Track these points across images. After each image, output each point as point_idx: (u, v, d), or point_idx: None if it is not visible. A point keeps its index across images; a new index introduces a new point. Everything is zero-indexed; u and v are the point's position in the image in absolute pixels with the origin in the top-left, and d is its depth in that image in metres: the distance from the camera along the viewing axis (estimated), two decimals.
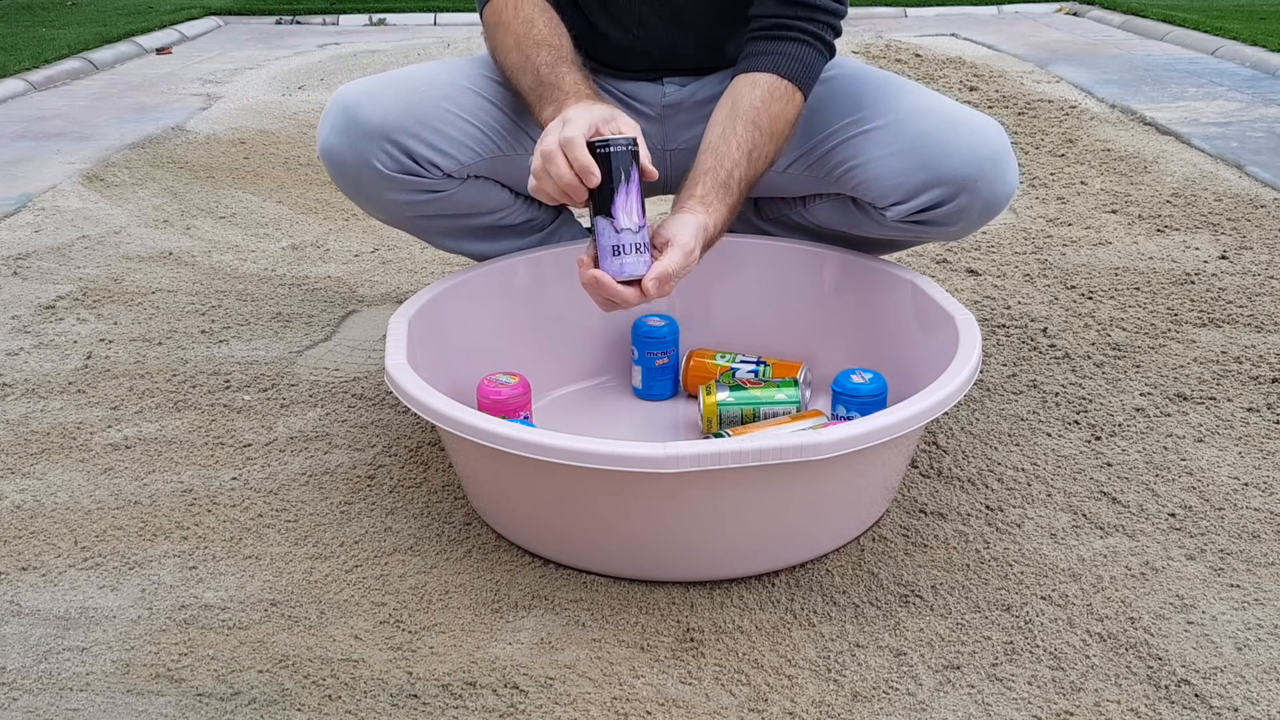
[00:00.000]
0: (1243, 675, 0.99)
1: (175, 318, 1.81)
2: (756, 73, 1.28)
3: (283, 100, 3.47)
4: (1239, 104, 3.22)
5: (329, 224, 2.31)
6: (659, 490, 1.04)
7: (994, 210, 1.33)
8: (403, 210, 1.37)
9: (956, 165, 1.27)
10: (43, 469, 1.36)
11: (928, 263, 1.97)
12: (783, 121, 1.27)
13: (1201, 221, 2.18)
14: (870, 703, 0.97)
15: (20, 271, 2.02)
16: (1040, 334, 1.69)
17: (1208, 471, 1.31)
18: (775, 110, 1.26)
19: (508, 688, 0.99)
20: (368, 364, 1.64)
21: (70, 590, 1.13)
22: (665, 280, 1.12)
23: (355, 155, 1.31)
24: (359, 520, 1.25)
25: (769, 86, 1.27)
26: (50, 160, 2.79)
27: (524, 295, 1.47)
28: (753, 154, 1.24)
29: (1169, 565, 1.14)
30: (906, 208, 1.31)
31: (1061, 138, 2.80)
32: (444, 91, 1.33)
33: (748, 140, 1.24)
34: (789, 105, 1.27)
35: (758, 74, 1.28)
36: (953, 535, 1.20)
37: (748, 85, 1.27)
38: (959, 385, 1.13)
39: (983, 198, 1.30)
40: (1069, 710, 0.95)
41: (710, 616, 1.08)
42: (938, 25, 5.17)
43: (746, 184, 1.24)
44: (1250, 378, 1.54)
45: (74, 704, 0.98)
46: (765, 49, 1.29)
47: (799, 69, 1.28)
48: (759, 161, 1.25)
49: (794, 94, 1.28)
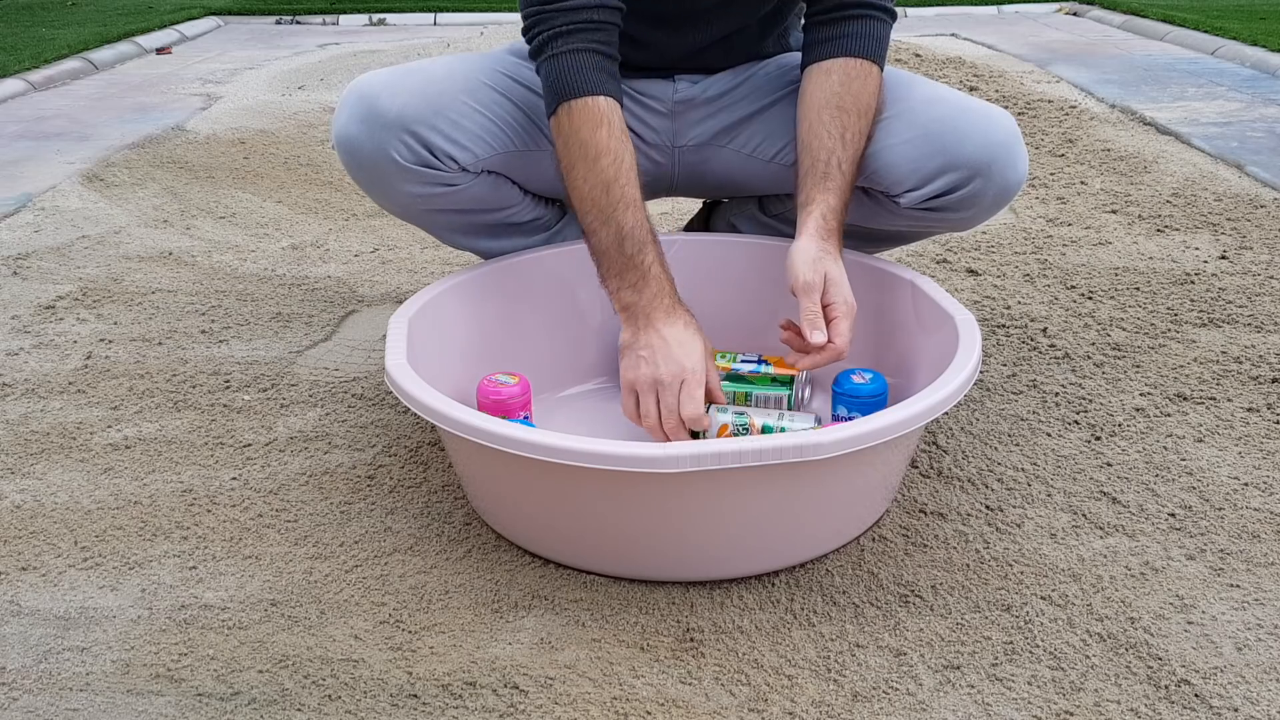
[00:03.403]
0: (1243, 675, 0.99)
1: (175, 318, 1.81)
2: (828, 60, 1.29)
3: (283, 100, 3.47)
4: (1239, 104, 3.22)
5: (329, 224, 2.31)
6: (659, 490, 1.04)
7: (1006, 197, 1.34)
8: (415, 203, 1.37)
9: (971, 150, 1.28)
10: (43, 469, 1.36)
11: (928, 263, 1.97)
12: (866, 96, 1.29)
13: (1201, 221, 2.18)
14: (870, 703, 0.97)
15: (20, 271, 2.02)
16: (1040, 334, 1.69)
17: (1208, 471, 1.31)
18: (855, 89, 1.28)
19: (508, 688, 0.99)
20: (368, 364, 1.64)
21: (70, 590, 1.13)
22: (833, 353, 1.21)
23: (373, 145, 1.31)
24: (359, 520, 1.25)
25: (844, 70, 1.28)
26: (50, 160, 2.79)
27: (524, 295, 1.47)
28: (845, 135, 1.26)
29: (1169, 565, 1.14)
30: (921, 194, 1.31)
31: (1061, 138, 2.80)
32: (461, 85, 1.33)
33: (837, 125, 1.26)
34: (868, 81, 1.29)
35: (830, 61, 1.29)
36: (953, 535, 1.20)
37: (822, 75, 1.29)
38: (959, 385, 1.13)
39: (996, 183, 1.30)
40: (1069, 710, 0.95)
41: (710, 616, 1.08)
42: (938, 25, 5.18)
43: (851, 163, 1.27)
44: (1250, 378, 1.54)
45: (74, 704, 0.98)
46: (830, 34, 1.30)
47: (869, 45, 1.30)
48: (855, 139, 1.27)
49: (870, 69, 1.29)
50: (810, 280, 1.20)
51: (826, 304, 1.21)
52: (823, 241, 1.22)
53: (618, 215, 1.21)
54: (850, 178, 1.26)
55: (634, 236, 1.20)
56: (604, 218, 1.22)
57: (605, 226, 1.22)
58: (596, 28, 1.24)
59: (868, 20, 1.30)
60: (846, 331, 1.21)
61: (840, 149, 1.26)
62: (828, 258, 1.22)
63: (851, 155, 1.26)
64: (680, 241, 1.53)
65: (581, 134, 1.22)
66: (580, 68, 1.23)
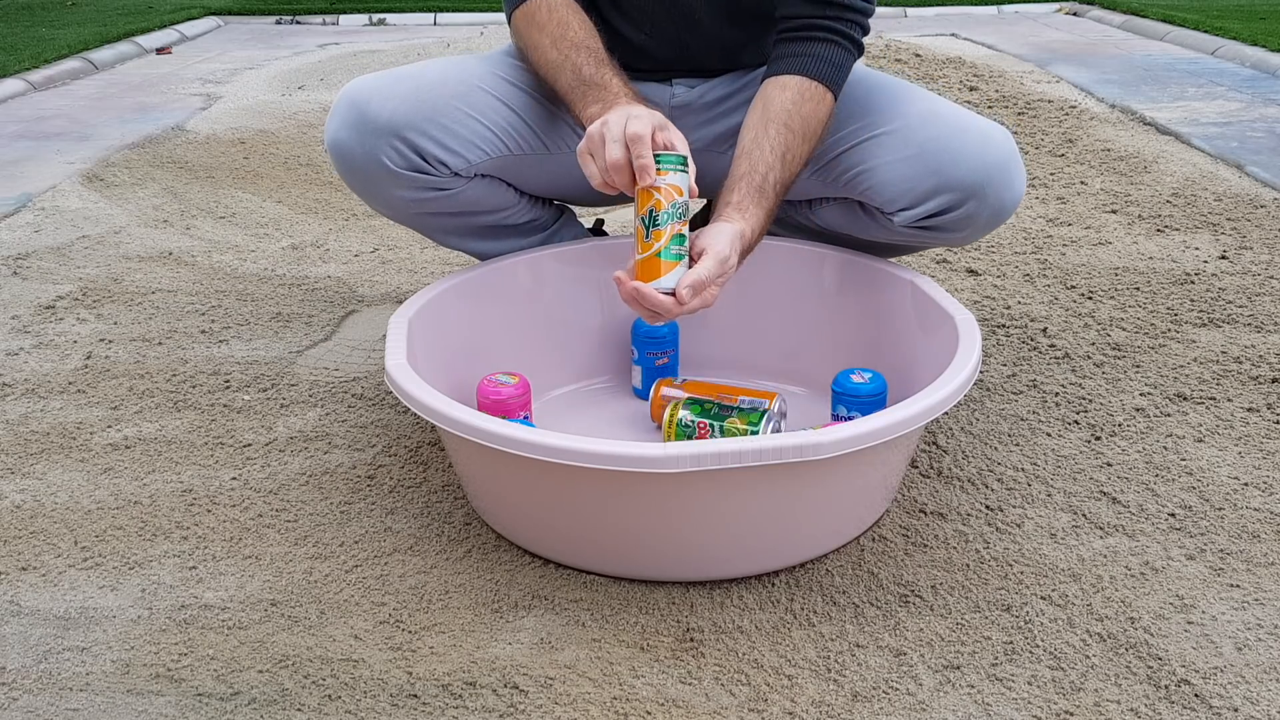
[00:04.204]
0: (1243, 675, 0.99)
1: (175, 318, 1.81)
2: (785, 75, 1.28)
3: (283, 100, 3.47)
4: (1239, 104, 3.22)
5: (329, 224, 2.31)
6: (659, 490, 1.04)
7: (1001, 217, 1.33)
8: (409, 207, 1.37)
9: (965, 172, 1.28)
10: (43, 469, 1.36)
11: (928, 263, 1.97)
12: (814, 122, 1.27)
13: (1201, 221, 2.18)
14: (870, 703, 0.97)
15: (20, 271, 2.02)
16: (1040, 334, 1.69)
17: (1208, 471, 1.31)
18: (806, 111, 1.27)
19: (508, 688, 0.99)
20: (368, 364, 1.64)
21: (70, 590, 1.13)
22: (699, 287, 1.13)
23: (364, 151, 1.31)
24: (359, 520, 1.25)
25: (798, 89, 1.27)
26: (50, 160, 2.79)
27: (524, 295, 1.47)
28: (786, 156, 1.25)
29: (1169, 565, 1.14)
30: (914, 213, 1.31)
31: (1061, 138, 2.80)
32: (454, 89, 1.33)
33: (780, 143, 1.24)
34: (820, 106, 1.28)
35: (786, 77, 1.28)
36: (953, 535, 1.20)
37: (777, 89, 1.28)
38: (959, 385, 1.13)
39: (990, 205, 1.30)
40: (1069, 710, 0.95)
41: (710, 616, 1.08)
42: (938, 25, 5.18)
43: (782, 187, 1.25)
44: (1250, 378, 1.54)
45: (74, 704, 0.98)
46: (793, 51, 1.29)
47: (828, 69, 1.28)
48: (793, 163, 1.26)
49: (824, 95, 1.28)
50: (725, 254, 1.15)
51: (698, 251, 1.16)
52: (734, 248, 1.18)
53: (571, 57, 1.25)
54: (779, 199, 1.25)
55: (590, 64, 1.24)
56: (560, 63, 1.26)
57: (562, 71, 1.26)
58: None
59: (833, 45, 1.29)
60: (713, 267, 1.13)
61: (779, 168, 1.24)
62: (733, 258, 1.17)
63: (787, 178, 1.25)
64: None
65: (531, 12, 1.30)
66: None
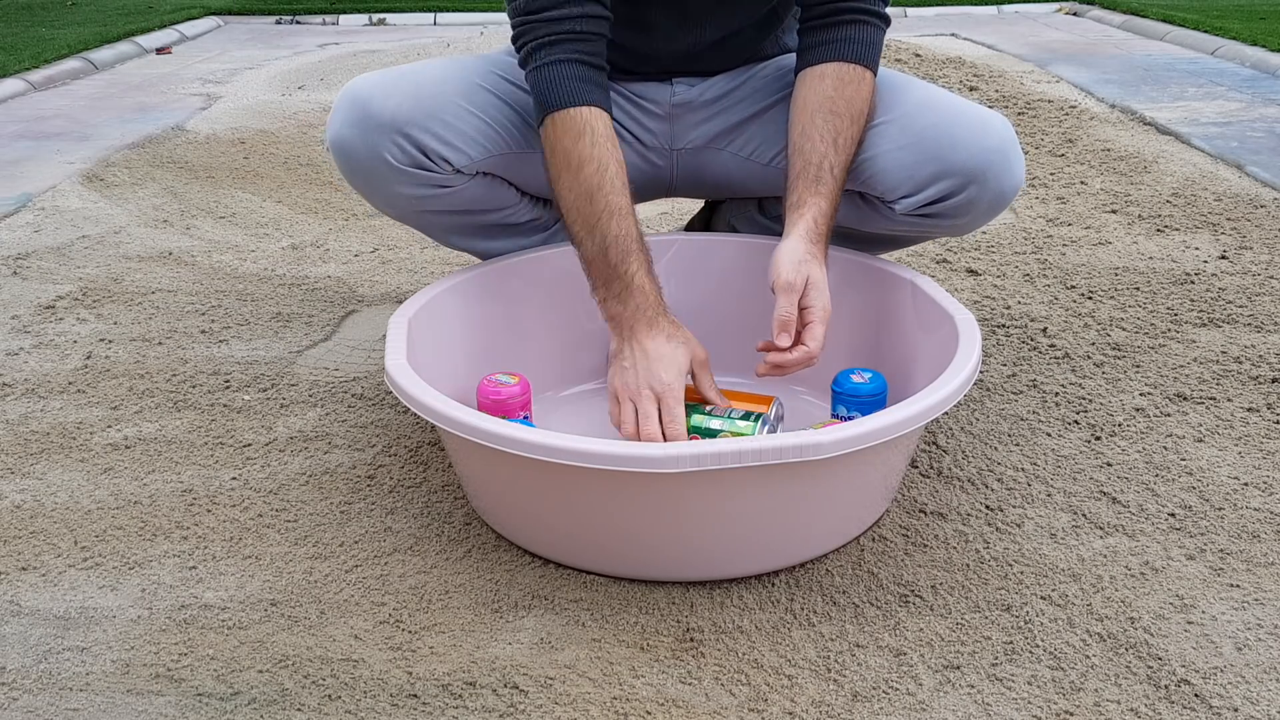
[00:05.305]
0: (1243, 675, 0.99)
1: (175, 318, 1.81)
2: (821, 64, 1.29)
3: (283, 100, 3.47)
4: (1239, 104, 3.22)
5: (329, 224, 2.31)
6: (659, 490, 1.04)
7: (1001, 203, 1.33)
8: (410, 204, 1.37)
9: (965, 157, 1.28)
10: (43, 469, 1.36)
11: (928, 263, 1.97)
12: (859, 103, 1.28)
13: (1201, 221, 2.18)
14: (870, 703, 0.97)
15: (20, 271, 2.02)
16: (1040, 334, 1.69)
17: (1208, 471, 1.31)
18: (849, 94, 1.28)
19: (508, 688, 0.99)
20: (368, 364, 1.64)
21: (70, 590, 1.13)
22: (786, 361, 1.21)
23: (366, 147, 1.31)
24: (359, 520, 1.25)
25: (837, 74, 1.28)
26: (50, 160, 2.79)
27: (524, 295, 1.47)
28: (838, 140, 1.26)
29: (1169, 565, 1.14)
30: (915, 200, 1.31)
31: (1061, 138, 2.80)
32: (456, 87, 1.33)
33: (830, 130, 1.26)
34: (861, 87, 1.29)
35: (823, 65, 1.29)
36: (953, 535, 1.20)
37: (815, 79, 1.29)
38: (959, 385, 1.13)
39: (991, 189, 1.30)
40: (1069, 710, 0.95)
41: (710, 616, 1.08)
42: (938, 25, 5.18)
43: (842, 168, 1.26)
44: (1250, 378, 1.54)
45: (74, 704, 0.98)
46: (823, 39, 1.30)
47: (863, 50, 1.29)
48: (846, 146, 1.27)
49: (863, 75, 1.29)
50: (791, 280, 1.20)
51: (804, 306, 1.21)
52: (810, 244, 1.22)
53: (602, 224, 1.21)
54: (841, 182, 1.26)
55: (619, 245, 1.20)
56: (589, 227, 1.22)
57: (590, 236, 1.22)
58: (581, 38, 1.24)
59: (861, 25, 1.30)
60: (820, 336, 1.20)
61: (833, 153, 1.25)
62: (813, 261, 1.22)
63: (843, 160, 1.26)
64: (680, 241, 1.53)
65: (564, 144, 1.23)
66: (563, 78, 1.23)
